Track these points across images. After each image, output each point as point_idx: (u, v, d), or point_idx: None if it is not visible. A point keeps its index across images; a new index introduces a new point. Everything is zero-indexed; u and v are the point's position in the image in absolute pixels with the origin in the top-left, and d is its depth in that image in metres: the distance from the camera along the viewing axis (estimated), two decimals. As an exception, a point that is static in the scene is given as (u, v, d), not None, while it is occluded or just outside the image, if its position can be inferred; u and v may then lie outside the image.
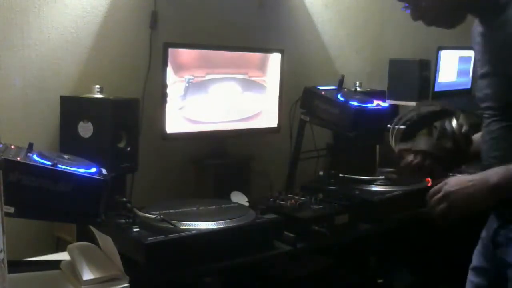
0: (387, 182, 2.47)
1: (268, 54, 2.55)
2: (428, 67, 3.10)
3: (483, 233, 1.54)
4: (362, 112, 2.30)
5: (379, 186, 2.43)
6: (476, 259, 1.57)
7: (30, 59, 2.02)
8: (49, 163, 1.43)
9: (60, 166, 1.43)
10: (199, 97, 2.31)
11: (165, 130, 2.21)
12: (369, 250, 2.37)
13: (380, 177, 2.51)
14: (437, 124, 1.64)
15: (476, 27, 1.48)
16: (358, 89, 2.82)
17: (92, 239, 1.66)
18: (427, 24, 1.46)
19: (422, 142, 1.63)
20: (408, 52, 3.15)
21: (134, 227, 1.71)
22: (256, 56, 2.53)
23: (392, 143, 1.71)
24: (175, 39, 2.30)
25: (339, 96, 2.36)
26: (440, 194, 1.36)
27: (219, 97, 2.39)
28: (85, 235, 1.71)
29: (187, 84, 2.26)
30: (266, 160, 2.67)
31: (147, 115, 2.24)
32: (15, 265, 1.41)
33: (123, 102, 2.00)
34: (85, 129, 1.92)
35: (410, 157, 1.63)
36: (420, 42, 3.31)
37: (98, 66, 2.18)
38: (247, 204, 2.11)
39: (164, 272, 1.63)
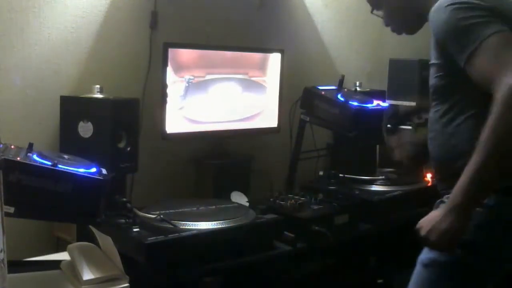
0: (387, 182, 2.47)
1: (268, 54, 2.55)
2: (428, 67, 3.10)
3: None
4: (362, 112, 2.30)
5: (379, 186, 2.44)
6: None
7: (30, 59, 2.02)
8: (49, 163, 1.43)
9: (60, 166, 1.43)
10: (199, 97, 2.31)
11: (165, 130, 2.21)
12: (369, 250, 2.37)
13: (380, 177, 2.51)
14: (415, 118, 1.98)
15: None
16: (358, 89, 2.82)
17: (92, 239, 1.66)
18: (392, 30, 1.67)
19: (404, 136, 1.89)
20: (408, 52, 3.15)
21: (134, 227, 1.71)
22: (256, 56, 2.53)
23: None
24: (175, 39, 2.29)
25: (339, 96, 2.36)
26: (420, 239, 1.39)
27: (219, 97, 2.39)
28: (85, 235, 1.71)
29: (187, 84, 2.26)
30: (266, 160, 2.67)
31: (147, 115, 2.23)
32: (15, 265, 1.41)
33: (123, 102, 2.00)
34: (85, 129, 1.92)
35: (399, 150, 1.82)
36: (420, 42, 3.30)
37: (98, 66, 2.18)
38: (247, 204, 2.11)
39: (164, 272, 1.63)
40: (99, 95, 1.99)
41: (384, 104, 2.47)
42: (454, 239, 1.33)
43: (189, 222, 1.75)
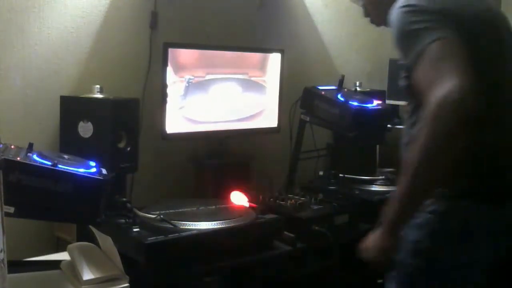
0: (387, 182, 2.47)
1: (268, 54, 2.55)
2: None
3: None
4: (362, 112, 2.30)
5: (379, 186, 2.43)
6: None
7: (30, 59, 2.02)
8: (49, 163, 1.43)
9: (60, 166, 1.43)
10: (199, 97, 2.31)
11: (165, 130, 2.21)
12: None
13: (380, 177, 2.51)
14: None
15: None
16: (358, 89, 2.82)
17: (92, 239, 1.66)
18: (371, 22, 1.65)
19: None
20: (408, 52, 3.15)
21: (134, 227, 1.71)
22: (256, 56, 2.53)
23: None
24: (175, 39, 2.30)
25: (339, 96, 2.36)
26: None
27: (219, 97, 2.39)
28: (85, 235, 1.71)
29: (187, 84, 2.26)
30: (266, 160, 2.67)
31: (147, 115, 2.23)
32: (15, 265, 1.41)
33: (123, 102, 2.00)
34: (85, 129, 1.92)
35: None
36: (420, 42, 3.31)
37: (98, 66, 2.18)
38: (247, 204, 2.11)
39: (164, 272, 1.63)
40: (99, 95, 1.99)
41: (384, 104, 2.46)
42: (390, 254, 1.36)
43: (189, 222, 1.75)
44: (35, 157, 1.44)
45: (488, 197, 1.35)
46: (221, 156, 2.45)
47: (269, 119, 2.59)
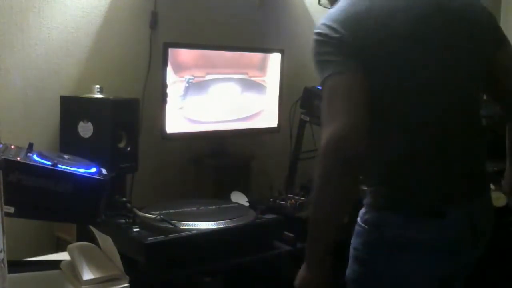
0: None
1: (268, 54, 2.55)
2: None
3: None
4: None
5: (379, 186, 2.43)
6: None
7: (30, 59, 2.02)
8: (49, 163, 1.43)
9: (60, 166, 1.43)
10: (199, 97, 2.31)
11: (165, 130, 2.21)
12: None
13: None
14: None
15: None
16: (358, 89, 2.82)
17: (92, 239, 1.66)
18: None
19: None
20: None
21: (134, 227, 1.71)
22: (256, 56, 2.53)
23: None
24: (175, 39, 2.30)
25: (339, 96, 2.35)
26: None
27: (219, 97, 2.39)
28: (85, 235, 1.71)
29: (187, 84, 2.26)
30: (266, 160, 2.67)
31: (147, 115, 2.23)
32: (15, 265, 1.41)
33: (123, 102, 2.00)
34: (85, 129, 1.92)
35: None
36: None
37: (98, 66, 2.18)
38: (247, 204, 2.11)
39: (164, 272, 1.63)
40: (99, 95, 1.99)
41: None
42: (318, 285, 1.39)
43: (189, 222, 1.74)
44: (35, 157, 1.44)
45: (419, 210, 1.34)
46: (221, 156, 2.45)
47: (269, 119, 2.59)
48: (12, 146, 1.50)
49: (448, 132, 1.35)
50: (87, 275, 1.47)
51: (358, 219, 1.43)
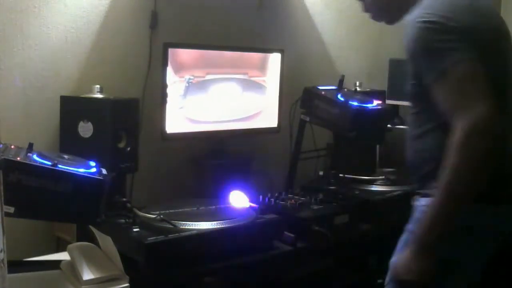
0: (387, 182, 2.47)
1: (268, 54, 2.55)
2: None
3: None
4: (362, 112, 2.30)
5: (379, 186, 2.43)
6: None
7: (30, 59, 2.02)
8: (49, 163, 1.43)
9: (60, 166, 1.43)
10: (199, 97, 2.31)
11: (165, 130, 2.21)
12: (369, 250, 2.37)
13: (380, 177, 2.51)
14: None
15: None
16: (358, 89, 2.82)
17: (92, 239, 1.66)
18: (371, 17, 1.65)
19: None
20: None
21: (134, 227, 1.71)
22: (256, 56, 2.53)
23: None
24: (175, 39, 2.30)
25: (339, 96, 2.36)
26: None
27: (219, 97, 2.39)
28: (85, 235, 1.71)
29: (187, 84, 2.26)
30: (266, 160, 2.67)
31: (147, 115, 2.23)
32: (15, 265, 1.41)
33: (123, 102, 2.00)
34: (85, 129, 1.92)
35: None
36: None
37: (98, 66, 2.18)
38: (247, 204, 2.11)
39: (164, 272, 1.63)
40: (99, 95, 1.99)
41: (384, 104, 2.46)
42: (429, 275, 1.35)
43: (189, 222, 1.74)
44: (35, 157, 1.44)
45: (496, 198, 1.38)
46: (221, 156, 2.45)
47: (269, 119, 2.59)
48: (12, 146, 1.50)
49: None
50: (87, 275, 1.47)
51: (423, 207, 1.42)
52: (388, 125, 2.48)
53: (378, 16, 1.63)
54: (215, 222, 1.77)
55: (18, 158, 1.40)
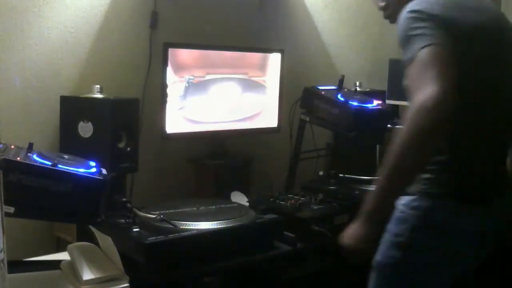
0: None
1: (268, 54, 2.55)
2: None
3: None
4: (362, 112, 2.29)
5: (379, 186, 2.43)
6: None
7: (30, 59, 2.02)
8: (49, 163, 1.43)
9: (60, 166, 1.43)
10: (199, 97, 2.31)
11: (165, 130, 2.21)
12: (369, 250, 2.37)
13: (380, 177, 2.51)
14: None
15: None
16: (358, 89, 2.82)
17: (92, 239, 1.66)
18: (385, 17, 1.66)
19: None
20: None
21: (134, 227, 1.71)
22: (256, 56, 2.53)
23: None
24: (175, 39, 2.30)
25: (339, 96, 2.36)
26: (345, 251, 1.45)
27: (219, 97, 2.39)
28: (85, 235, 1.71)
29: (187, 84, 2.26)
30: (266, 160, 2.67)
31: (147, 115, 2.23)
32: (15, 265, 1.41)
33: (123, 102, 2.00)
34: (85, 129, 1.92)
35: None
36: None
37: (98, 66, 2.18)
38: (247, 204, 2.11)
39: (164, 272, 1.63)
40: (99, 95, 1.99)
41: (384, 104, 2.46)
42: (371, 242, 1.40)
43: (189, 222, 1.74)
44: (35, 157, 1.44)
45: (472, 197, 1.42)
46: (221, 156, 2.45)
47: (269, 119, 2.60)
48: (12, 146, 1.50)
49: (508, 130, 1.48)
50: (87, 275, 1.47)
51: (402, 207, 1.45)
52: (388, 125, 2.48)
53: (394, 16, 1.61)
54: (215, 222, 1.77)
55: (18, 158, 1.40)
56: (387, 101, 2.89)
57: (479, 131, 1.42)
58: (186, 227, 1.72)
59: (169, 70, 2.19)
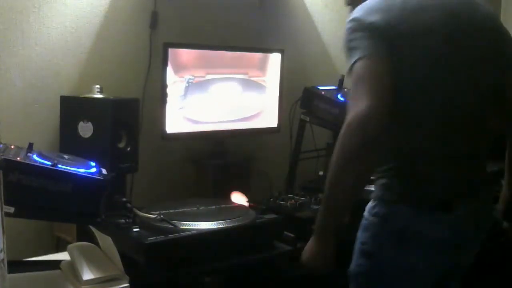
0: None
1: (268, 54, 2.55)
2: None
3: None
4: (362, 112, 2.29)
5: (379, 186, 2.42)
6: None
7: (30, 59, 2.02)
8: (49, 163, 1.43)
9: (60, 166, 1.43)
10: (199, 97, 2.31)
11: (165, 130, 2.21)
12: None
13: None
14: None
15: None
16: (358, 89, 2.82)
17: (92, 239, 1.66)
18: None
19: None
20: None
21: (134, 227, 1.71)
22: (256, 56, 2.53)
23: None
24: (175, 39, 2.30)
25: (339, 96, 2.36)
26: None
27: (219, 97, 2.39)
28: (85, 235, 1.71)
29: (187, 84, 2.26)
30: (266, 160, 2.67)
31: (147, 115, 2.23)
32: (15, 265, 1.41)
33: (123, 102, 2.00)
34: (85, 129, 1.92)
35: None
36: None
37: (98, 66, 2.18)
38: (247, 204, 2.11)
39: (164, 272, 1.63)
40: (99, 95, 1.99)
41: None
42: (325, 257, 1.42)
43: (189, 222, 1.74)
44: (35, 157, 1.44)
45: (428, 203, 1.38)
46: (221, 156, 2.45)
47: (269, 119, 2.59)
48: (12, 146, 1.50)
49: (461, 131, 1.40)
50: (87, 275, 1.47)
51: (366, 213, 1.45)
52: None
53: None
54: (215, 222, 1.77)
55: (18, 158, 1.40)
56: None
57: (426, 135, 1.37)
58: (186, 227, 1.72)
59: (169, 70, 2.19)
